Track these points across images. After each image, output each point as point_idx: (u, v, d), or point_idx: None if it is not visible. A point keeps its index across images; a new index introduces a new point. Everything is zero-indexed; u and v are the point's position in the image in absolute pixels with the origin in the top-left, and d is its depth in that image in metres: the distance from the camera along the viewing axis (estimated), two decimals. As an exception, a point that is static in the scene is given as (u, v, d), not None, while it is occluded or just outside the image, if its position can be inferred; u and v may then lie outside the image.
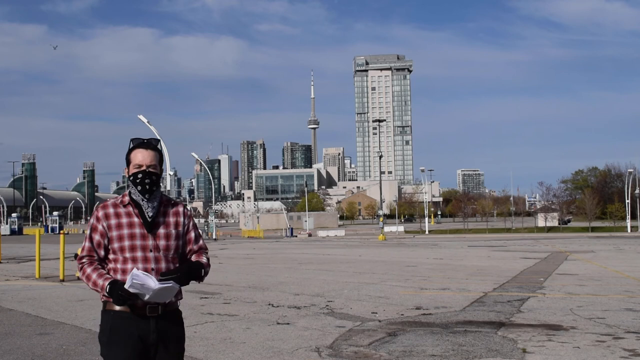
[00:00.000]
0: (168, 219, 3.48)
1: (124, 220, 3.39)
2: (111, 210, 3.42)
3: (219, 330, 8.79)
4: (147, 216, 3.41)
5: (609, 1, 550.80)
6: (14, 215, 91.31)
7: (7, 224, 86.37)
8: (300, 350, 7.44)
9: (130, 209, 3.43)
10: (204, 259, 3.54)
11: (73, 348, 7.67)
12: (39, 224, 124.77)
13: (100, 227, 3.40)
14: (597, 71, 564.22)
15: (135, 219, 3.40)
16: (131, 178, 3.43)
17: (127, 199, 3.46)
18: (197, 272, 3.41)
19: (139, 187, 3.41)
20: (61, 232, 19.91)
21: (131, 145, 3.48)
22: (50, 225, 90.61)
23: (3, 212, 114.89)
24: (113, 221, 3.39)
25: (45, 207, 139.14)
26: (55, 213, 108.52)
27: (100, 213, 3.43)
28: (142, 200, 3.42)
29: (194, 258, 3.54)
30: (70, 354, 7.32)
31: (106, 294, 3.27)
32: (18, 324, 9.44)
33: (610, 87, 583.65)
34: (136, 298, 3.23)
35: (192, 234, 3.58)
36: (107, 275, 3.33)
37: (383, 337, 8.16)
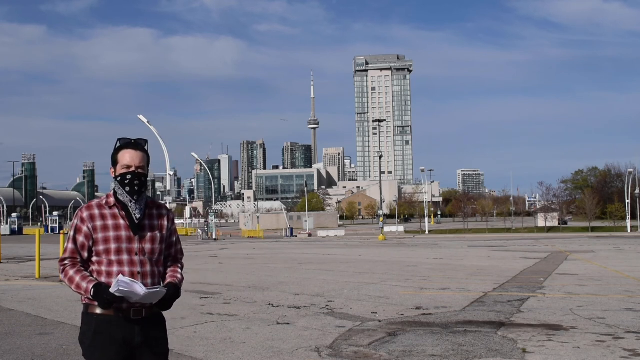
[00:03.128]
0: (153, 221, 3.43)
1: (110, 222, 3.32)
2: (96, 212, 3.33)
3: (219, 330, 8.79)
4: (134, 218, 3.34)
5: (608, 2, 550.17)
6: (14, 215, 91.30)
7: (7, 224, 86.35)
8: (300, 350, 7.45)
9: (116, 210, 3.35)
10: (179, 276, 3.52)
11: (73, 348, 7.66)
12: (39, 224, 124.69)
13: (85, 228, 3.31)
14: (597, 71, 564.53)
15: (121, 221, 3.33)
16: (119, 179, 3.36)
17: (112, 200, 3.38)
18: (174, 298, 3.39)
19: (127, 189, 3.34)
20: (61, 232, 19.92)
21: (117, 145, 3.42)
22: (50, 225, 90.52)
23: (3, 212, 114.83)
24: (99, 223, 3.30)
25: (45, 207, 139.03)
26: (55, 213, 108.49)
27: (85, 214, 3.33)
28: (130, 201, 3.35)
29: (170, 272, 3.50)
30: (70, 354, 7.32)
31: (90, 297, 3.21)
32: (18, 324, 9.44)
33: (610, 87, 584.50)
34: (121, 301, 3.17)
35: (174, 238, 3.57)
36: (91, 278, 3.25)
37: (383, 337, 8.16)
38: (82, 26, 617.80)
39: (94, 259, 3.33)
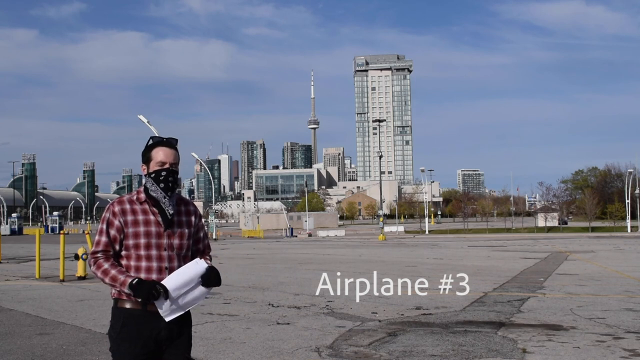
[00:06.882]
0: (182, 217, 3.50)
1: (140, 217, 3.38)
2: (128, 207, 3.41)
3: (219, 330, 8.80)
4: (167, 214, 3.41)
5: (590, 5, 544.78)
6: (14, 215, 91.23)
7: (7, 224, 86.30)
8: (300, 350, 7.45)
9: (147, 206, 3.42)
10: (209, 261, 3.61)
11: (73, 348, 7.67)
12: (39, 224, 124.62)
13: (117, 222, 3.38)
14: (585, 74, 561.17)
15: (151, 217, 3.40)
16: (153, 175, 3.42)
17: (142, 195, 3.44)
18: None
19: (162, 185, 3.41)
20: (61, 232, 19.90)
21: (150, 142, 3.47)
22: (50, 225, 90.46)
23: (3, 212, 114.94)
24: (130, 217, 3.37)
25: (45, 207, 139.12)
26: (55, 213, 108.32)
27: (117, 208, 3.39)
28: (164, 198, 3.42)
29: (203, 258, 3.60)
30: (70, 354, 7.32)
31: (127, 290, 3.26)
32: (18, 324, 9.45)
33: (601, 90, 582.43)
34: (160, 298, 3.29)
35: (201, 233, 3.63)
36: (128, 273, 3.32)
37: (383, 337, 8.16)
38: (72, 30, 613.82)
39: (123, 253, 3.40)
